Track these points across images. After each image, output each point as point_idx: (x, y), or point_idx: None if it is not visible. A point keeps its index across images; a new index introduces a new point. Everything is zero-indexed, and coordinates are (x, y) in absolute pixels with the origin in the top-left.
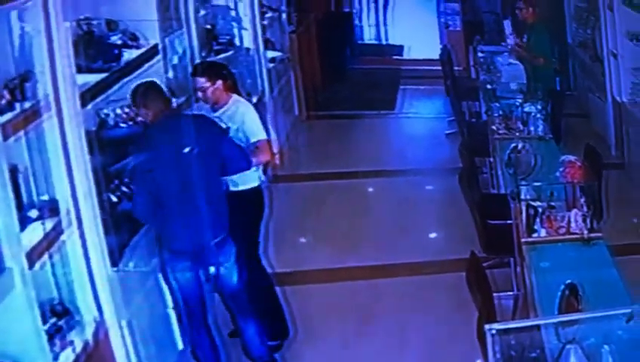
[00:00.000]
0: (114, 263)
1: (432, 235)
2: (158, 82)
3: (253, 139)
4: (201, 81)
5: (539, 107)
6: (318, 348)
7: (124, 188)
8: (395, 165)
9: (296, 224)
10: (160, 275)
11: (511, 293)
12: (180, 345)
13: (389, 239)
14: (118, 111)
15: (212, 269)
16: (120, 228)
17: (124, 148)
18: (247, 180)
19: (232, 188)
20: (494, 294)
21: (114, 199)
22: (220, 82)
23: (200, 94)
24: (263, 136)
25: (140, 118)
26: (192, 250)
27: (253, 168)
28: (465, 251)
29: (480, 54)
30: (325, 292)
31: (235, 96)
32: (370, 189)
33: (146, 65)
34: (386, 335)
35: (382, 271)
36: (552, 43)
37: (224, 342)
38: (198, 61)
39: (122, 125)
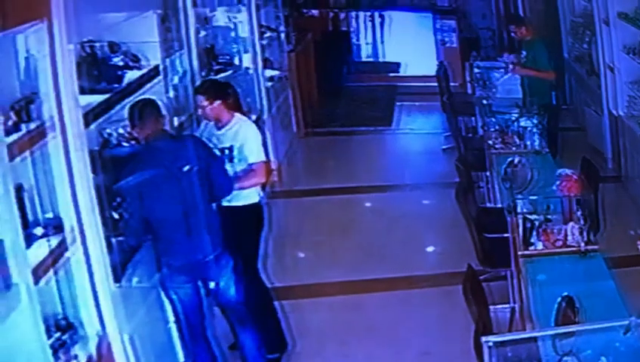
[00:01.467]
0: (117, 279)
1: (430, 249)
2: (155, 100)
3: (250, 160)
4: (200, 99)
5: (535, 121)
6: (315, 361)
7: (126, 206)
8: (392, 180)
9: (294, 239)
10: (161, 290)
11: (507, 306)
12: (181, 359)
13: (386, 253)
14: (121, 130)
15: (212, 284)
16: (122, 244)
17: (127, 166)
18: (247, 196)
19: (232, 204)
20: (491, 307)
21: (116, 216)
22: (218, 102)
23: (200, 112)
24: (261, 158)
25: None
26: (189, 265)
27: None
28: (462, 264)
29: (476, 70)
30: (323, 306)
31: (237, 115)
32: (368, 204)
33: (148, 86)
34: (383, 347)
35: (379, 284)
36: (550, 57)
37: (224, 355)
38: (198, 80)
39: (125, 144)
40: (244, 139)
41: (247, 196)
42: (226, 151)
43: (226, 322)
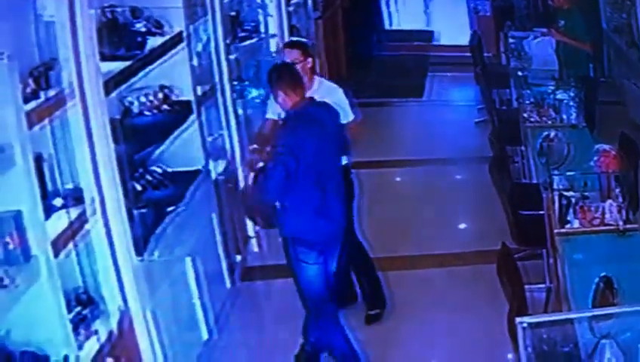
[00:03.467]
0: (138, 252)
1: (462, 226)
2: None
3: (344, 120)
4: (295, 53)
5: (572, 94)
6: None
7: (148, 177)
8: (423, 154)
9: None
10: (291, 264)
11: (543, 286)
12: (205, 335)
13: (417, 230)
14: (142, 99)
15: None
16: (145, 217)
17: (149, 136)
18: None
19: None
20: (526, 286)
21: (138, 188)
22: (310, 60)
23: None
24: (352, 116)
25: (165, 107)
26: (326, 238)
27: None
28: (496, 242)
29: (511, 40)
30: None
31: (318, 78)
32: (398, 179)
33: (171, 53)
34: (415, 327)
35: (411, 262)
36: (587, 28)
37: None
38: (222, 48)
39: (146, 113)
40: (336, 99)
41: None
42: None
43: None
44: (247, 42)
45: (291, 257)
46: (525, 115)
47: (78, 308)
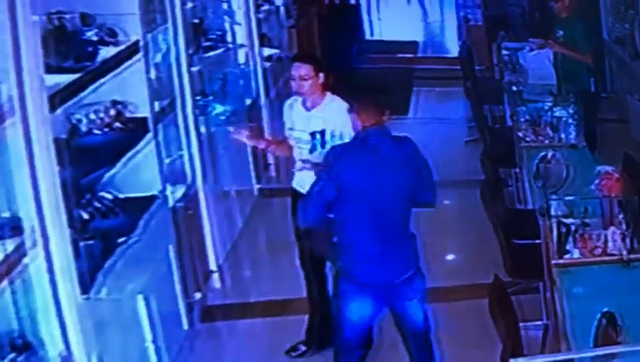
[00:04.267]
0: (84, 290)
1: (450, 257)
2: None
3: None
4: (306, 68)
5: (571, 111)
6: None
7: (96, 204)
8: None
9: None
10: (337, 301)
11: (540, 323)
12: None
13: None
14: (92, 116)
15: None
16: (92, 249)
17: (99, 157)
18: None
19: None
20: (521, 324)
21: (85, 216)
22: (322, 75)
23: (296, 84)
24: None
25: (117, 125)
26: (378, 283)
27: None
28: (487, 275)
29: (504, 52)
30: None
31: (330, 95)
32: None
33: (125, 65)
34: None
35: None
36: (588, 39)
37: None
38: (184, 59)
39: (96, 132)
40: (339, 121)
41: None
42: (317, 136)
43: (406, 351)
44: (212, 53)
45: (335, 291)
46: (520, 133)
47: (12, 355)
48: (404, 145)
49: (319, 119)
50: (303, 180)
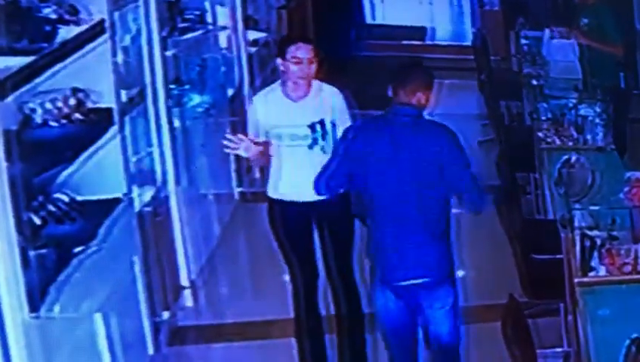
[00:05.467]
0: (33, 307)
1: (459, 273)
2: None
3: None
4: (306, 50)
5: (598, 109)
6: None
7: (50, 207)
8: None
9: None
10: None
11: (560, 350)
12: None
13: None
14: (49, 105)
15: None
16: (44, 259)
17: (55, 153)
18: None
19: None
20: (538, 351)
21: (37, 221)
22: (317, 60)
23: (303, 69)
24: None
25: (77, 116)
26: (396, 281)
27: None
28: (501, 294)
29: (523, 41)
30: None
31: (315, 81)
32: None
33: (88, 47)
34: None
35: None
36: (618, 28)
37: None
38: (157, 42)
39: (53, 124)
40: (337, 107)
41: None
42: (317, 127)
43: None
44: (190, 35)
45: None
46: (541, 134)
47: None
48: (436, 133)
49: (314, 109)
50: (293, 184)
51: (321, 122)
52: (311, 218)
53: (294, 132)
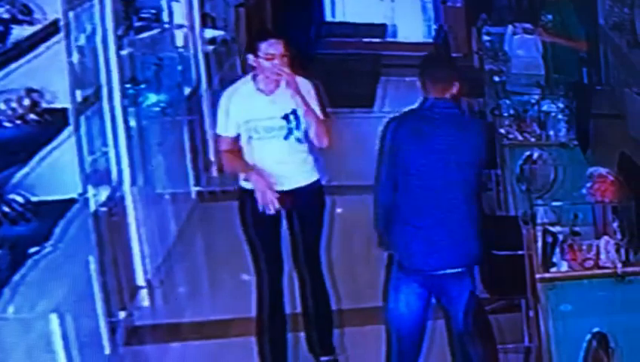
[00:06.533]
0: None
1: None
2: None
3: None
4: (282, 46)
5: (560, 105)
6: None
7: (4, 208)
8: (372, 179)
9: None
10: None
11: (521, 345)
12: None
13: (363, 276)
14: (2, 106)
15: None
16: None
17: (8, 154)
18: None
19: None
20: (499, 346)
21: None
22: (287, 54)
23: (267, 64)
24: (321, 116)
25: (31, 116)
26: (426, 271)
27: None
28: None
29: (486, 37)
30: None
31: None
32: (339, 210)
33: (42, 47)
34: None
35: (358, 316)
36: (581, 24)
37: None
38: (112, 42)
39: (6, 124)
40: (308, 97)
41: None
42: (291, 118)
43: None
44: (146, 34)
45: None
46: (502, 130)
47: None
48: (477, 129)
49: (286, 100)
50: (273, 175)
51: (294, 112)
52: (281, 210)
53: (269, 124)
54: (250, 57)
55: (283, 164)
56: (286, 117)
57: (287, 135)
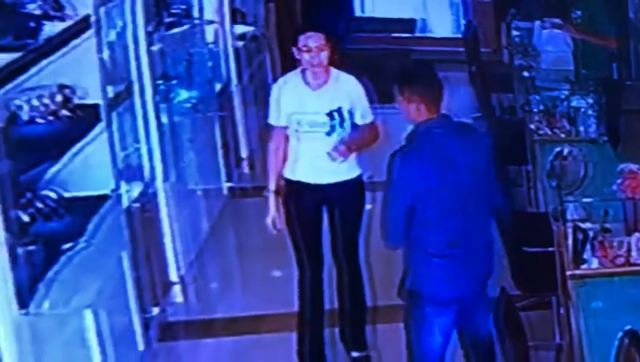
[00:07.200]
0: (22, 304)
1: None
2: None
3: (360, 121)
4: (320, 37)
5: (590, 101)
6: None
7: (38, 204)
8: None
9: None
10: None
11: (553, 342)
12: None
13: (394, 274)
14: (35, 102)
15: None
16: (32, 256)
17: (42, 150)
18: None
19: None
20: (530, 343)
21: (25, 218)
22: (329, 47)
23: (312, 57)
24: (371, 116)
25: (64, 112)
26: (454, 298)
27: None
28: (493, 288)
29: (515, 32)
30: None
31: (333, 69)
32: (369, 206)
33: (74, 43)
34: None
35: (391, 312)
36: (611, 19)
37: None
38: (142, 38)
39: (39, 121)
40: (355, 96)
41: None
42: (335, 116)
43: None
44: (176, 30)
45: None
46: (532, 126)
47: None
48: (471, 136)
49: (332, 97)
50: (310, 166)
51: (339, 110)
52: (323, 204)
53: (313, 119)
54: (294, 50)
55: (325, 159)
56: (330, 114)
57: (330, 132)
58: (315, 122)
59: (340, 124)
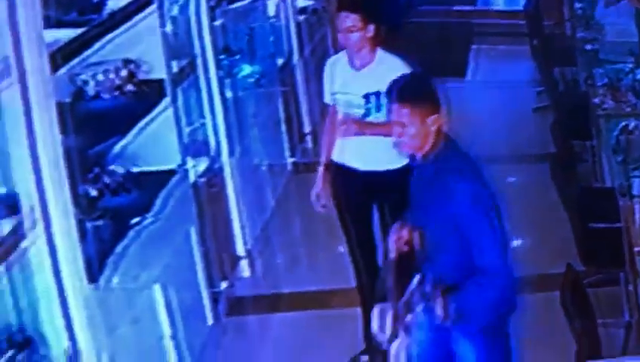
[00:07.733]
0: (92, 278)
1: (516, 243)
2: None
3: None
4: (353, 18)
5: None
6: None
7: (106, 179)
8: (466, 149)
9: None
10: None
11: (621, 320)
12: None
13: None
14: (100, 77)
15: None
16: (101, 231)
17: (108, 125)
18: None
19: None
20: (599, 321)
21: (93, 193)
22: (372, 27)
23: (342, 37)
24: None
25: (129, 87)
26: None
27: None
28: (559, 264)
29: (577, 5)
30: None
31: (381, 51)
32: None
33: (138, 18)
34: None
35: None
36: None
37: None
38: (204, 11)
39: (105, 96)
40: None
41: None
42: (372, 99)
43: None
44: (238, 4)
45: None
46: (597, 100)
47: (11, 352)
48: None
49: (372, 79)
50: (356, 151)
51: (377, 94)
52: (371, 191)
53: (349, 99)
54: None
55: (363, 143)
56: (366, 96)
57: (365, 115)
58: (350, 103)
59: (377, 108)
